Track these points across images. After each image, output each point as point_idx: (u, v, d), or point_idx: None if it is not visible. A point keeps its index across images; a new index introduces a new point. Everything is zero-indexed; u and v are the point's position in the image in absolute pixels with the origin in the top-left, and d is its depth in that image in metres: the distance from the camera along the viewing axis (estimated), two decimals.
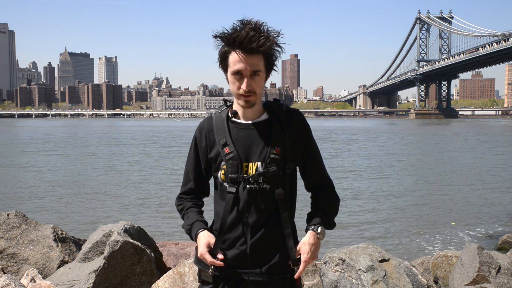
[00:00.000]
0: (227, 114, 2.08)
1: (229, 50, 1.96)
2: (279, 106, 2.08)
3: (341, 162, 26.56)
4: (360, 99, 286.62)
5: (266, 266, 2.02)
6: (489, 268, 4.88)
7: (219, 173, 2.05)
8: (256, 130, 2.04)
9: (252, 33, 1.90)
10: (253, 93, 1.97)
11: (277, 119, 2.05)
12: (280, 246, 2.03)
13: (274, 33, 1.95)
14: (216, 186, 2.12)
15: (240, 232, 2.03)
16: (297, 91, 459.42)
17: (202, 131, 2.12)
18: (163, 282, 4.17)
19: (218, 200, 2.09)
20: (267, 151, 2.00)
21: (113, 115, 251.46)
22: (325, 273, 4.66)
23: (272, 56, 1.99)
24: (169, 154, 32.56)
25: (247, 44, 1.90)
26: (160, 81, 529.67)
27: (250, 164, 2.01)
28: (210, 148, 2.09)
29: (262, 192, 2.01)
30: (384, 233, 10.88)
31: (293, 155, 2.05)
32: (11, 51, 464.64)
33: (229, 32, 1.94)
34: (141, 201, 14.70)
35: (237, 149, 2.01)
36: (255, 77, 1.96)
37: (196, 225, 2.08)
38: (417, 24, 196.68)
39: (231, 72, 1.98)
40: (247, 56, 1.92)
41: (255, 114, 2.06)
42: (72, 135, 60.94)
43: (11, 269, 5.03)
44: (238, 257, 2.03)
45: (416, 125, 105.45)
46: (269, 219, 2.02)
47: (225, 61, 2.00)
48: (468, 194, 16.06)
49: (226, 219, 2.03)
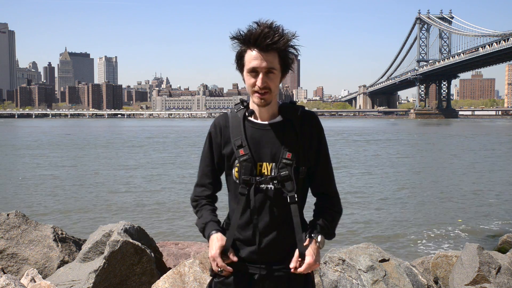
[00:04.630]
0: (243, 114, 2.10)
1: (245, 49, 2.01)
2: (294, 109, 2.09)
3: (341, 162, 26.57)
4: (360, 99, 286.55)
5: (281, 263, 2.06)
6: (489, 268, 4.88)
7: (233, 170, 2.08)
8: (270, 131, 2.06)
9: (267, 30, 1.95)
10: (268, 91, 2.00)
11: (291, 123, 2.07)
12: (292, 246, 2.06)
13: (290, 34, 2.00)
14: (230, 185, 2.14)
15: (252, 232, 2.06)
16: (297, 91, 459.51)
17: (217, 127, 2.14)
18: (163, 282, 4.17)
19: (232, 199, 2.13)
20: (280, 155, 2.03)
21: (113, 115, 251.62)
22: (325, 273, 4.66)
23: (287, 56, 2.02)
24: (169, 154, 32.56)
25: (262, 40, 1.94)
26: (160, 81, 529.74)
27: (264, 164, 2.04)
28: (224, 144, 2.12)
29: (274, 194, 2.03)
30: (384, 233, 10.88)
31: (306, 160, 2.07)
32: (11, 51, 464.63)
33: (245, 32, 1.99)
34: (141, 201, 14.69)
35: (251, 149, 2.04)
36: (270, 74, 1.99)
37: (210, 225, 2.11)
38: (417, 24, 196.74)
39: (247, 70, 2.01)
40: (262, 53, 1.96)
41: (271, 115, 2.08)
42: (72, 135, 60.93)
43: (11, 269, 5.03)
44: (250, 255, 2.07)
45: (417, 125, 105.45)
46: (281, 219, 2.05)
47: (241, 60, 2.04)
48: (468, 194, 16.05)
49: (238, 218, 2.07)
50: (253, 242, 2.06)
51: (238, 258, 2.07)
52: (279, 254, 2.06)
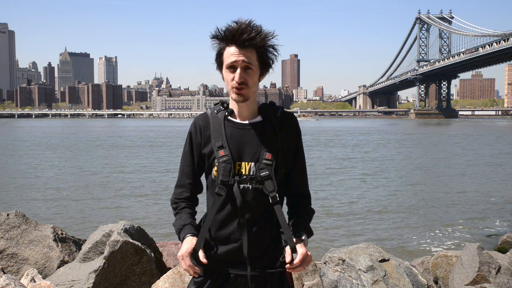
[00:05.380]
0: (224, 115, 2.11)
1: (223, 47, 2.04)
2: (274, 110, 2.11)
3: (341, 162, 26.57)
4: (360, 99, 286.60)
5: (256, 262, 2.06)
6: (489, 268, 4.88)
7: (213, 169, 2.09)
8: (250, 131, 2.07)
9: (244, 26, 1.98)
10: (246, 86, 2.01)
11: (270, 123, 2.08)
12: (272, 243, 2.07)
13: (268, 32, 2.02)
14: (208, 183, 2.15)
15: (230, 230, 2.07)
16: (297, 91, 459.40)
17: (197, 127, 2.15)
18: (163, 282, 4.17)
19: (210, 197, 2.13)
20: (259, 155, 2.04)
21: (113, 115, 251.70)
22: (325, 273, 4.66)
23: (265, 53, 2.04)
24: (170, 155, 32.57)
25: (239, 36, 1.97)
26: (160, 81, 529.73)
27: (243, 163, 2.05)
28: (204, 144, 2.12)
29: (253, 194, 2.04)
30: (384, 233, 10.88)
31: (284, 161, 2.09)
32: (11, 51, 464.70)
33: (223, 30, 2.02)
34: (141, 201, 14.70)
35: (230, 148, 2.05)
36: (248, 70, 2.01)
37: (186, 229, 2.10)
38: (417, 24, 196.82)
39: (225, 67, 2.04)
40: (240, 49, 1.99)
41: (250, 114, 2.10)
42: (72, 135, 60.92)
43: (11, 269, 5.03)
44: (229, 253, 2.07)
45: (417, 125, 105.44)
46: (260, 218, 2.06)
47: (220, 58, 2.06)
48: (468, 194, 16.06)
49: (216, 217, 2.07)
50: (231, 241, 2.06)
51: (215, 257, 2.07)
52: (256, 254, 2.05)
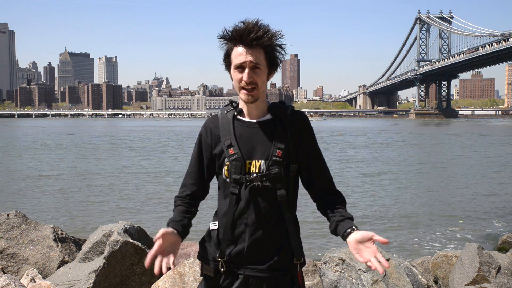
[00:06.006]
0: (233, 114, 2.12)
1: (231, 47, 2.04)
2: (284, 108, 2.11)
3: (342, 162, 26.57)
4: (360, 99, 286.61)
5: (267, 263, 2.04)
6: (489, 268, 4.88)
7: (223, 169, 2.09)
8: (260, 129, 2.07)
9: (251, 25, 1.98)
10: (255, 86, 2.02)
11: (280, 121, 2.08)
12: (283, 244, 2.06)
13: (275, 31, 2.02)
14: (220, 184, 2.15)
15: (241, 229, 2.06)
16: (297, 91, 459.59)
17: (208, 128, 2.16)
18: (163, 282, 4.17)
19: (222, 198, 2.13)
20: (269, 152, 2.04)
21: (113, 115, 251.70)
22: (325, 273, 4.66)
23: (273, 52, 2.04)
24: (170, 154, 32.56)
25: (247, 36, 1.97)
26: (160, 81, 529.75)
27: (253, 161, 2.05)
28: (215, 144, 2.13)
29: (264, 191, 2.04)
30: (384, 233, 10.87)
31: (296, 157, 2.08)
32: (11, 51, 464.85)
33: (231, 30, 2.02)
34: (141, 201, 14.70)
35: (240, 148, 2.05)
36: (256, 70, 2.01)
37: (171, 224, 2.09)
38: (417, 24, 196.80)
39: (233, 67, 2.04)
40: (248, 49, 1.99)
41: (259, 113, 2.10)
42: (72, 136, 60.91)
43: (11, 269, 5.03)
44: (240, 253, 2.06)
45: (417, 125, 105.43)
46: (271, 218, 2.05)
47: (228, 58, 2.07)
48: (468, 194, 16.06)
49: (229, 217, 2.07)
50: (242, 241, 2.05)
51: (227, 259, 2.06)
52: (267, 254, 2.05)
